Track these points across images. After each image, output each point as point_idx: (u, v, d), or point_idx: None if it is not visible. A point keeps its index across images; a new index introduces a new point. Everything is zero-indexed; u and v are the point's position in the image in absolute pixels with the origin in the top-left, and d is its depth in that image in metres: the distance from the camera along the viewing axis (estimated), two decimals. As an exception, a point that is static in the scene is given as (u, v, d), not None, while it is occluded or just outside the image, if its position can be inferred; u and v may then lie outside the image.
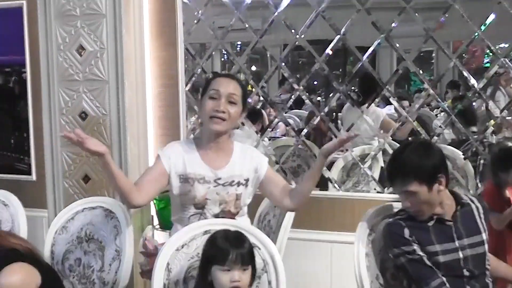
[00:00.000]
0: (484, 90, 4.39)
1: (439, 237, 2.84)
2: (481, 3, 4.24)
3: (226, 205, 3.12)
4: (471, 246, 2.86)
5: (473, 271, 2.83)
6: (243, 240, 2.65)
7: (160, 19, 4.71)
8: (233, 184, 3.12)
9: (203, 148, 3.15)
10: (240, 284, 2.54)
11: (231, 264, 2.54)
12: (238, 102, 3.07)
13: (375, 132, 4.65)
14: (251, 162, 3.18)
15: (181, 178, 3.11)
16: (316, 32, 4.63)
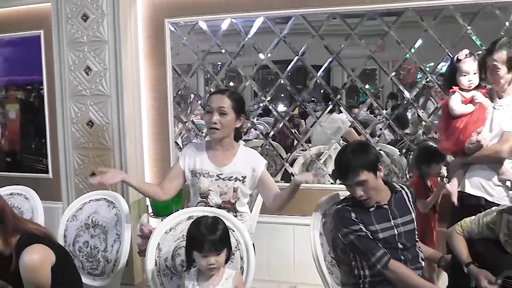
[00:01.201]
0: (416, 100, 4.45)
1: (378, 219, 2.89)
2: (411, 30, 4.28)
3: (225, 196, 3.16)
4: (404, 224, 2.91)
5: (406, 244, 2.89)
6: (217, 227, 2.63)
7: (152, 44, 4.76)
8: (232, 179, 3.16)
9: (211, 149, 3.22)
10: (216, 265, 2.57)
11: (207, 251, 2.56)
12: (229, 112, 3.10)
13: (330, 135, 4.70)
14: (250, 163, 3.20)
15: (192, 173, 3.20)
16: (280, 54, 4.67)
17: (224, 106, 3.09)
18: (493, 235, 2.78)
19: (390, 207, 2.93)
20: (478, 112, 3.22)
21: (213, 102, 3.11)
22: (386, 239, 2.88)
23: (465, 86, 3.23)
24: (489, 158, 3.20)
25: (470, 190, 3.29)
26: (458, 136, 3.24)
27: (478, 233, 2.85)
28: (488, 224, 2.80)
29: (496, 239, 2.76)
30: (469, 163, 3.30)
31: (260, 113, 4.99)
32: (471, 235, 2.88)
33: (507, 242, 2.70)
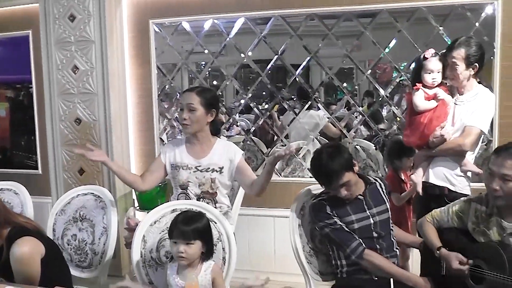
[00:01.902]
0: (392, 97, 4.51)
1: (354, 209, 2.94)
2: (386, 31, 4.34)
3: (204, 186, 3.24)
4: (379, 214, 2.97)
5: (381, 232, 2.95)
6: (194, 219, 2.64)
7: (137, 44, 4.77)
8: (209, 170, 3.23)
9: (190, 143, 3.31)
10: (184, 255, 2.56)
11: (176, 238, 2.58)
12: (197, 108, 3.18)
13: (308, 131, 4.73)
14: (227, 154, 3.27)
15: (172, 166, 3.29)
16: (261, 53, 4.70)
17: (192, 102, 3.17)
18: (462, 224, 2.82)
19: (365, 198, 2.97)
20: (440, 108, 3.29)
21: (183, 100, 3.22)
22: (362, 229, 2.93)
23: (429, 83, 3.30)
24: (452, 151, 3.28)
25: (434, 180, 3.36)
26: (423, 131, 3.31)
27: (448, 222, 2.88)
28: (457, 213, 2.84)
29: (465, 228, 2.80)
30: (433, 156, 3.38)
31: (241, 110, 5.01)
32: (440, 224, 2.92)
33: (475, 230, 2.73)
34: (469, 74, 3.28)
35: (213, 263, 2.70)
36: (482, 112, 3.27)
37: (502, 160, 2.52)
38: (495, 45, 3.96)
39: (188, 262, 2.60)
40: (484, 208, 2.71)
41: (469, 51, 3.22)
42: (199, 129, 3.23)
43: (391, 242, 3.01)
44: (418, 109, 3.32)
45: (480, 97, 3.31)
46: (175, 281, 2.62)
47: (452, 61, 3.25)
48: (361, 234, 2.93)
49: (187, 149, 3.29)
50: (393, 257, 2.98)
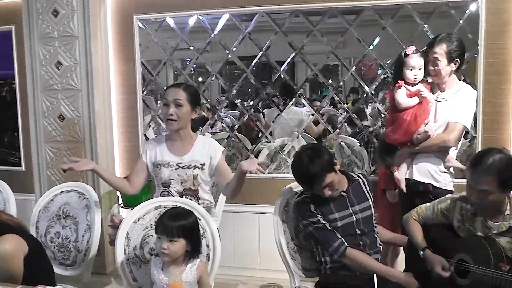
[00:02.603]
0: (376, 94, 4.53)
1: (337, 207, 2.95)
2: (371, 28, 4.36)
3: (186, 184, 3.21)
4: (362, 211, 2.99)
5: (364, 229, 2.97)
6: (181, 217, 2.63)
7: (121, 40, 4.74)
8: (191, 167, 3.20)
9: (170, 140, 3.27)
10: (167, 252, 2.55)
11: (161, 234, 2.58)
12: (184, 104, 3.15)
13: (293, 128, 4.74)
14: (208, 151, 3.24)
15: (154, 165, 3.25)
16: (246, 50, 4.70)
17: (180, 98, 3.14)
18: (447, 221, 2.83)
19: (348, 195, 2.99)
20: (423, 105, 3.31)
21: (169, 95, 3.17)
22: (345, 226, 2.94)
23: (411, 80, 3.31)
24: (436, 147, 3.30)
25: (418, 177, 3.38)
26: (407, 128, 3.32)
27: (433, 219, 2.90)
28: (442, 211, 2.85)
29: (450, 225, 2.82)
30: (416, 152, 3.39)
31: (226, 106, 5.01)
32: (426, 220, 2.93)
33: (460, 228, 2.75)
34: (450, 70, 3.30)
35: (199, 261, 2.69)
36: (465, 108, 3.29)
37: (478, 177, 2.52)
38: (479, 43, 3.99)
39: (170, 259, 2.59)
40: (469, 207, 2.72)
41: (450, 47, 3.25)
42: (184, 125, 3.21)
43: (374, 238, 3.03)
44: (401, 106, 3.33)
45: (462, 93, 3.33)
46: (160, 278, 2.61)
47: (434, 56, 3.27)
48: (345, 231, 2.94)
49: (168, 147, 3.26)
50: (377, 253, 3.00)
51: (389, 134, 3.49)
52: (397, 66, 3.43)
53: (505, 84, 3.98)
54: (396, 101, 3.33)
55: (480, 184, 2.52)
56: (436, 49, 3.26)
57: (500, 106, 4.01)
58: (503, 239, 2.58)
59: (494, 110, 4.01)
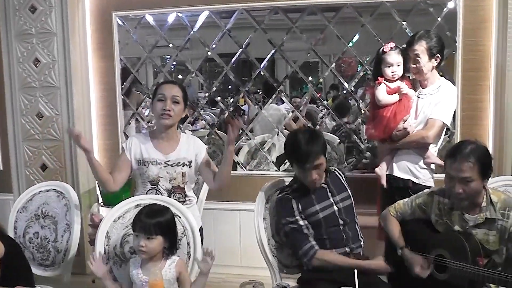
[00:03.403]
0: (356, 91, 4.55)
1: (318, 198, 2.99)
2: (350, 25, 4.38)
3: (175, 181, 3.17)
4: (342, 200, 3.03)
5: (346, 219, 2.99)
6: (158, 214, 2.62)
7: (100, 37, 4.70)
8: (179, 164, 3.17)
9: (156, 138, 3.21)
10: (145, 249, 2.54)
11: (138, 231, 2.56)
12: (180, 101, 3.14)
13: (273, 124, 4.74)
14: (193, 148, 3.22)
15: (139, 162, 3.18)
16: (226, 47, 4.69)
17: (178, 95, 3.13)
18: (425, 216, 2.85)
19: (328, 186, 3.04)
20: (403, 102, 3.34)
21: (166, 91, 3.13)
22: (327, 217, 2.97)
23: (389, 76, 3.34)
24: (415, 144, 3.33)
25: (398, 173, 3.41)
26: (386, 125, 3.35)
27: (411, 214, 2.92)
28: (420, 206, 2.88)
29: (427, 220, 2.84)
30: (397, 149, 3.41)
31: (206, 103, 4.99)
32: (404, 216, 2.95)
33: (438, 222, 2.78)
34: (432, 66, 3.33)
35: (178, 258, 2.68)
36: (445, 105, 3.32)
37: (459, 164, 2.55)
38: (457, 39, 4.01)
39: (148, 256, 2.58)
40: (447, 201, 2.75)
41: (430, 43, 3.28)
42: (175, 123, 3.19)
43: (356, 231, 3.06)
44: (380, 103, 3.35)
45: (443, 89, 3.36)
46: (138, 276, 2.60)
47: (414, 54, 3.29)
48: (328, 222, 2.96)
49: (154, 144, 3.21)
50: (359, 248, 3.02)
51: (370, 130, 3.50)
52: (376, 63, 3.45)
53: (483, 80, 4.01)
54: (376, 98, 3.35)
55: (463, 172, 2.54)
56: (415, 46, 3.29)
57: (478, 102, 4.04)
58: (480, 231, 2.63)
59: (472, 106, 4.04)
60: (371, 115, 3.51)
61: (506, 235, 2.59)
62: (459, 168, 2.55)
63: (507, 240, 2.60)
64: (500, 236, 2.61)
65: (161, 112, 3.12)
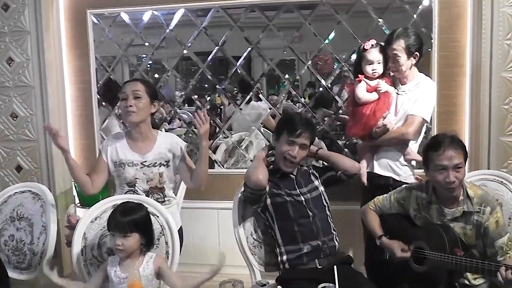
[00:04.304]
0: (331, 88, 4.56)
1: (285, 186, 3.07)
2: (326, 23, 4.38)
3: (152, 182, 3.15)
4: (310, 191, 3.08)
5: (314, 211, 3.02)
6: (133, 211, 2.62)
7: (74, 35, 4.63)
8: (156, 165, 3.15)
9: (131, 139, 3.19)
10: (122, 248, 2.54)
11: (114, 230, 2.57)
12: (143, 96, 3.10)
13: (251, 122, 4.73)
14: (171, 147, 3.19)
15: (116, 164, 3.15)
16: (203, 45, 4.66)
17: (139, 90, 3.10)
18: (404, 210, 2.90)
19: (296, 178, 3.10)
20: (383, 99, 3.33)
21: (127, 88, 3.12)
22: (295, 204, 3.02)
23: (369, 74, 3.33)
24: (395, 140, 3.33)
25: (378, 171, 3.41)
26: (366, 122, 3.34)
27: (390, 209, 2.96)
28: (398, 200, 2.92)
29: (406, 214, 2.89)
30: (377, 146, 3.42)
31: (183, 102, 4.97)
32: (383, 210, 2.99)
33: (416, 216, 2.83)
34: (411, 64, 3.34)
35: (155, 254, 2.69)
36: (424, 101, 3.33)
37: (449, 152, 2.60)
38: (433, 36, 4.04)
39: (125, 254, 2.58)
40: (425, 195, 2.80)
41: (408, 42, 3.28)
42: (144, 119, 3.14)
43: (327, 224, 3.07)
44: (360, 101, 3.34)
45: (422, 86, 3.37)
46: (116, 273, 2.59)
47: (393, 53, 3.30)
48: (296, 212, 3.01)
49: (129, 145, 3.18)
50: (331, 241, 3.03)
51: (350, 127, 3.51)
52: (356, 60, 3.45)
53: (458, 76, 4.05)
54: (356, 95, 3.35)
55: (454, 158, 2.61)
56: (394, 45, 3.29)
57: (454, 98, 4.07)
58: (457, 225, 2.69)
59: (448, 102, 4.07)
60: (351, 112, 3.51)
61: (482, 230, 2.64)
62: (450, 155, 2.60)
63: (483, 235, 2.64)
64: (476, 231, 2.65)
65: (124, 110, 3.10)
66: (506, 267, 2.39)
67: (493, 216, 2.63)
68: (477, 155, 3.88)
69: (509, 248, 2.62)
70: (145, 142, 3.18)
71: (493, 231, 2.62)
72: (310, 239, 2.96)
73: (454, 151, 2.61)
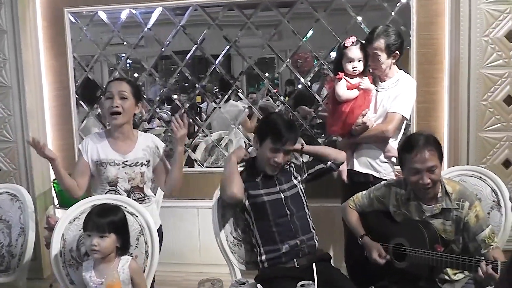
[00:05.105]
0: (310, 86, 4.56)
1: (264, 184, 3.05)
2: (305, 21, 4.38)
3: (133, 181, 3.11)
4: (289, 189, 3.06)
5: (292, 209, 3.00)
6: (109, 212, 2.59)
7: (52, 34, 4.59)
8: (138, 164, 3.11)
9: (112, 138, 3.14)
10: (97, 248, 2.50)
11: (90, 231, 2.52)
12: (129, 96, 3.06)
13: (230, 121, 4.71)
14: (152, 147, 3.17)
15: (97, 164, 3.10)
16: (182, 44, 4.64)
17: (125, 90, 3.05)
18: (384, 207, 2.90)
19: (276, 176, 3.07)
20: (363, 97, 3.34)
21: (113, 88, 3.06)
22: (273, 203, 3.00)
23: (350, 72, 3.33)
24: (375, 138, 3.34)
25: (358, 168, 3.42)
26: (345, 120, 3.34)
27: (370, 206, 2.96)
28: (378, 198, 2.92)
29: (386, 211, 2.88)
30: (357, 143, 3.42)
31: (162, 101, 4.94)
32: (363, 208, 2.99)
33: (396, 212, 2.83)
34: (391, 62, 3.34)
35: (130, 258, 2.64)
36: (404, 98, 3.33)
37: (422, 155, 2.59)
38: (411, 33, 4.06)
39: (101, 256, 2.53)
40: (404, 192, 2.80)
41: (388, 41, 3.28)
42: (128, 119, 3.11)
43: (306, 222, 3.06)
44: (341, 99, 3.34)
45: (401, 83, 3.37)
46: (92, 279, 2.55)
47: (374, 52, 3.30)
48: (275, 211, 2.99)
49: (110, 145, 3.13)
50: (310, 240, 3.02)
51: (329, 125, 3.50)
52: (337, 58, 3.44)
53: (437, 73, 4.08)
54: (336, 93, 3.34)
55: (428, 161, 2.59)
56: (375, 45, 3.29)
57: (433, 95, 4.10)
58: (436, 221, 2.69)
59: (427, 99, 4.10)
60: (330, 110, 3.50)
61: (461, 225, 2.66)
62: (424, 158, 2.59)
63: (462, 230, 2.65)
64: (456, 226, 2.66)
65: (110, 110, 3.05)
66: (487, 263, 2.40)
67: (472, 210, 2.63)
68: (456, 151, 3.91)
69: (492, 240, 2.62)
70: (126, 141, 3.14)
71: (473, 225, 2.62)
72: (288, 239, 2.95)
73: (428, 154, 2.59)
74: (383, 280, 2.79)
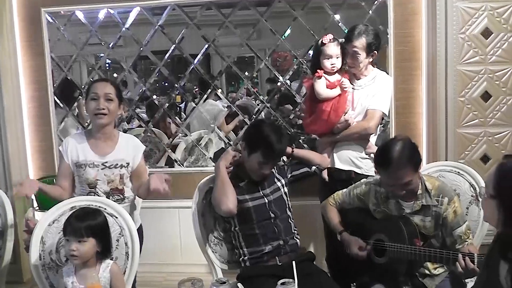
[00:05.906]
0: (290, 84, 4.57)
1: (248, 189, 3.02)
2: (283, 19, 4.39)
3: (113, 183, 3.07)
4: (272, 192, 3.04)
5: (276, 212, 3.00)
6: (89, 216, 2.53)
7: (29, 34, 4.53)
8: (117, 166, 3.07)
9: (93, 138, 3.10)
10: (76, 253, 2.44)
11: (69, 235, 2.47)
12: (114, 98, 3.03)
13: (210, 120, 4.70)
14: (132, 149, 3.13)
15: (77, 165, 3.06)
16: (162, 44, 4.61)
17: (110, 92, 3.02)
18: (364, 205, 2.91)
19: (260, 181, 3.04)
20: (343, 95, 3.33)
21: (98, 89, 3.02)
22: (257, 208, 2.98)
23: (328, 69, 3.31)
24: (358, 135, 3.34)
25: (339, 165, 3.40)
26: (327, 119, 3.32)
27: (350, 204, 2.97)
28: (358, 196, 2.93)
29: (366, 208, 2.90)
30: (336, 141, 3.41)
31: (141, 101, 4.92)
32: (343, 205, 3.00)
33: (376, 210, 2.84)
34: (368, 61, 3.34)
35: (112, 262, 2.59)
36: (382, 95, 3.35)
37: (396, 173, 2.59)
38: (389, 31, 4.08)
39: (81, 261, 2.47)
40: (383, 190, 2.81)
41: (369, 40, 3.28)
42: (111, 121, 3.09)
43: (289, 224, 3.06)
44: (321, 97, 3.32)
45: (378, 80, 3.38)
46: (73, 285, 2.49)
47: (354, 50, 3.29)
48: (259, 215, 2.97)
49: (90, 146, 3.09)
50: (292, 239, 3.03)
51: (308, 124, 3.49)
52: (315, 55, 3.42)
53: (415, 70, 4.11)
54: (316, 92, 3.33)
55: (402, 179, 2.59)
56: (355, 43, 3.28)
57: (411, 91, 4.13)
58: (416, 218, 2.71)
59: (405, 96, 4.13)
60: (308, 108, 3.48)
61: (441, 220, 2.68)
62: (397, 176, 2.60)
63: (441, 225, 2.68)
64: (435, 222, 2.68)
65: (95, 112, 3.01)
66: (464, 255, 2.42)
67: (451, 206, 2.65)
68: (435, 147, 3.93)
69: (467, 237, 2.65)
70: (107, 142, 3.10)
71: (451, 220, 2.64)
72: (271, 240, 2.95)
73: (402, 171, 2.58)
74: (363, 276, 2.80)
